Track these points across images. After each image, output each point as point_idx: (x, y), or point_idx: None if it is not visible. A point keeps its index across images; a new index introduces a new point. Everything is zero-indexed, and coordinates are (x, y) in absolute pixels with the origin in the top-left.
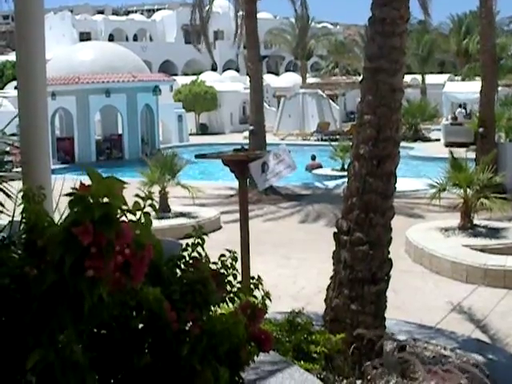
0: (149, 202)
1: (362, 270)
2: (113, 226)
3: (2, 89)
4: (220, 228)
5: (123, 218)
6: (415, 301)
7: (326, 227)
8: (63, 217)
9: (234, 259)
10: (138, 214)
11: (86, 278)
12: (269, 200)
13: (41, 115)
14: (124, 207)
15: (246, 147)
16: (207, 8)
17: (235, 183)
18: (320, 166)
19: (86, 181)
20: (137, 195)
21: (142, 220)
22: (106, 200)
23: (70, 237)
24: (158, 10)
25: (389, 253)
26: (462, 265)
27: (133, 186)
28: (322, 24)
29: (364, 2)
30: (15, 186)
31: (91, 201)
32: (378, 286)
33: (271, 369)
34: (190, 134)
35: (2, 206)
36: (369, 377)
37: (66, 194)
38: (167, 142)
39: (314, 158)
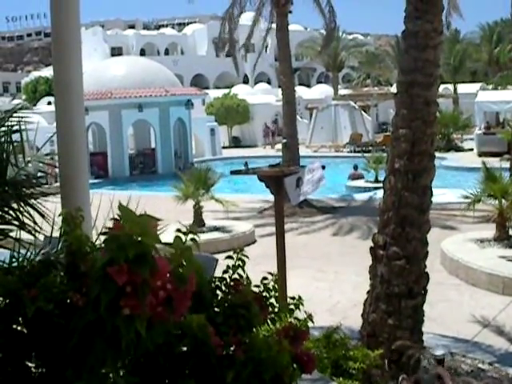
0: (190, 236)
1: (399, 284)
2: (147, 264)
3: (35, 105)
4: (254, 242)
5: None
6: (451, 313)
7: (361, 240)
8: (101, 237)
9: (276, 282)
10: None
11: (122, 315)
12: (303, 213)
13: (78, 133)
14: (157, 245)
15: (278, 162)
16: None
17: (268, 196)
18: (362, 177)
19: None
20: (178, 230)
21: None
22: (139, 239)
23: (105, 276)
24: (188, 23)
25: (425, 267)
26: (499, 277)
27: (168, 200)
28: (352, 35)
29: (394, 13)
30: (52, 200)
31: (125, 240)
32: (415, 300)
33: None
34: (223, 147)
35: (39, 226)
36: None
37: (101, 234)
38: (200, 155)
39: (356, 167)
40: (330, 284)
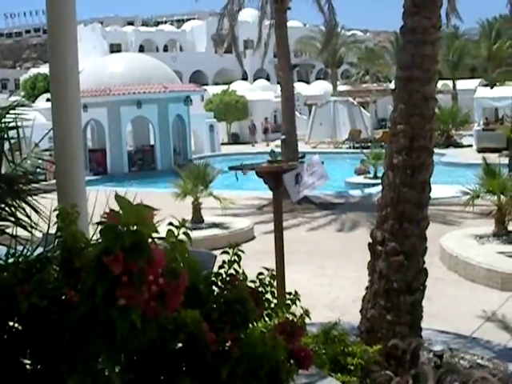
0: (183, 229)
1: (398, 280)
2: (144, 254)
3: (34, 102)
4: (253, 238)
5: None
6: (450, 309)
7: (360, 236)
8: (97, 231)
9: (272, 277)
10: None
11: (117, 306)
12: (302, 209)
13: (75, 129)
14: (155, 235)
15: (276, 153)
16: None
17: (267, 193)
18: (369, 171)
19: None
20: (170, 223)
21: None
22: (136, 228)
23: (100, 266)
24: (187, 20)
25: (424, 262)
26: (497, 272)
27: (167, 197)
28: (351, 31)
29: (393, 9)
30: (51, 197)
31: (121, 229)
32: (413, 296)
33: (308, 382)
34: (222, 144)
35: (35, 223)
36: None
37: (97, 223)
38: (199, 152)
39: (363, 162)
40: (329, 280)
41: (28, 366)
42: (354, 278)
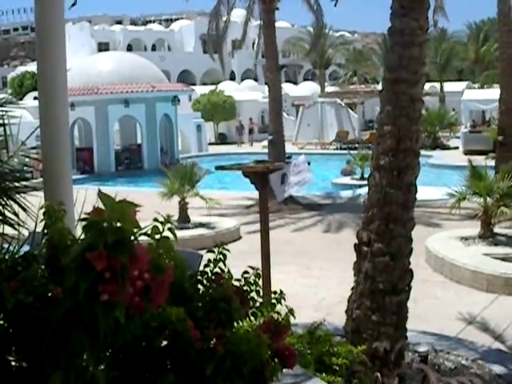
0: (168, 225)
1: (383, 280)
2: (126, 250)
3: (21, 99)
4: (240, 238)
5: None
6: (436, 310)
7: (346, 237)
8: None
9: (257, 276)
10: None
11: (100, 302)
12: (289, 210)
13: (62, 128)
14: (137, 231)
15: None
16: (225, 18)
17: (254, 193)
18: (354, 172)
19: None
20: (155, 219)
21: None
22: (119, 224)
23: (84, 262)
24: (176, 19)
25: (410, 263)
26: (483, 274)
27: (153, 196)
28: (339, 33)
29: (382, 11)
30: (38, 195)
31: (105, 226)
32: (399, 296)
33: (293, 382)
34: (209, 144)
35: (22, 221)
36: None
37: (80, 220)
38: (186, 151)
39: (348, 162)
40: (315, 280)
41: (13, 364)
42: (340, 278)
